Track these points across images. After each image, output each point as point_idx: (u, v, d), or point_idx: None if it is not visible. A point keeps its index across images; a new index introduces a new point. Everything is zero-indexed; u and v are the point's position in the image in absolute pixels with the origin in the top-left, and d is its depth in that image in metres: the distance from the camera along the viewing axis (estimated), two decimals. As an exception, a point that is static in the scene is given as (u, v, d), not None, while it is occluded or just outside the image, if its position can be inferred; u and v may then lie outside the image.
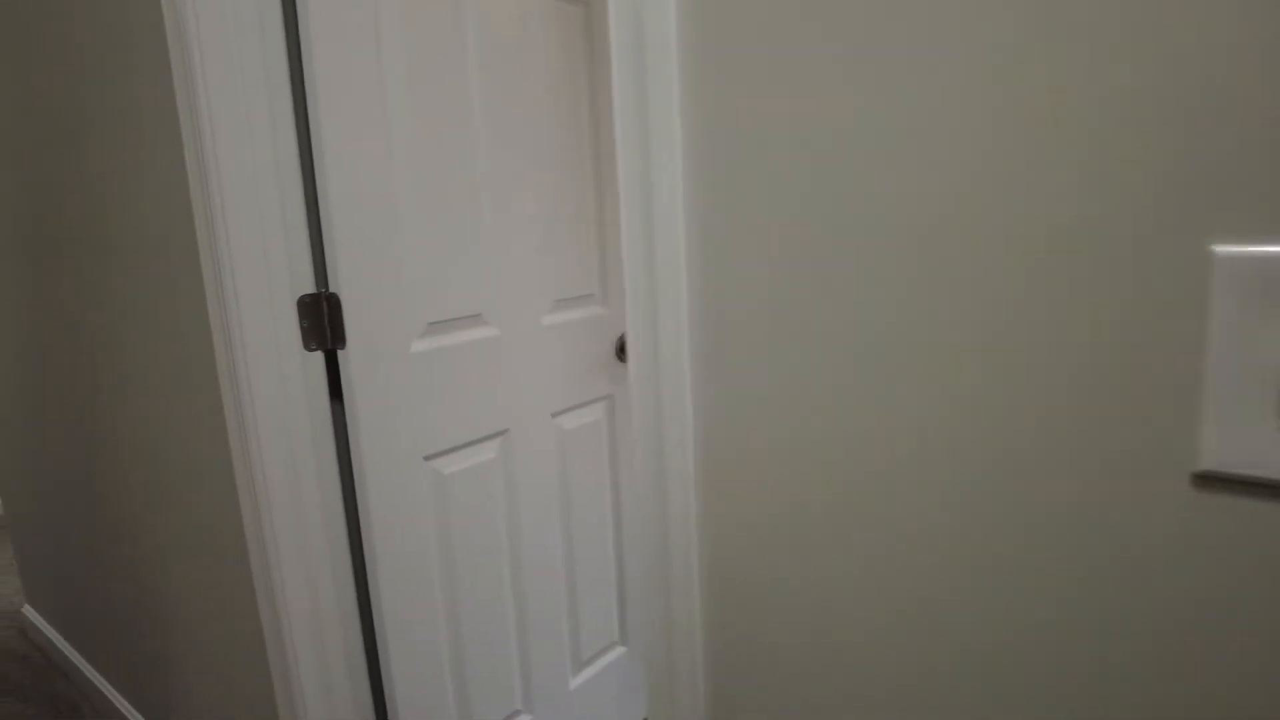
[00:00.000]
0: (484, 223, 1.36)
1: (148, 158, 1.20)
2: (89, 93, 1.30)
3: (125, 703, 1.86)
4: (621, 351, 1.68)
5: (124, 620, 1.75)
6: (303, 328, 1.18)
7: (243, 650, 1.34)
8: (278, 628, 1.22)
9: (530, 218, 1.45)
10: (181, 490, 1.38)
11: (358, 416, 1.21)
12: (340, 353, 1.20)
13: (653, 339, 0.69)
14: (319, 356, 1.20)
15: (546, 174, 1.47)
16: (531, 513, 1.52)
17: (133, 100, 1.20)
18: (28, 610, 2.36)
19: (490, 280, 1.38)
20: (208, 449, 1.26)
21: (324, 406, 1.22)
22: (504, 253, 1.40)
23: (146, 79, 1.15)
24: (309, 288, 1.18)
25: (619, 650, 1.80)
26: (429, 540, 1.34)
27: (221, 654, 1.41)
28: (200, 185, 1.08)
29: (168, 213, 1.19)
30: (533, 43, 1.41)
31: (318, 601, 1.23)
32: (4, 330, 1.94)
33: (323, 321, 1.19)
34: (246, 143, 1.09)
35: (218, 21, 1.05)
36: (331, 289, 1.18)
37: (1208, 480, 0.47)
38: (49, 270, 1.62)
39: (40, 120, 1.49)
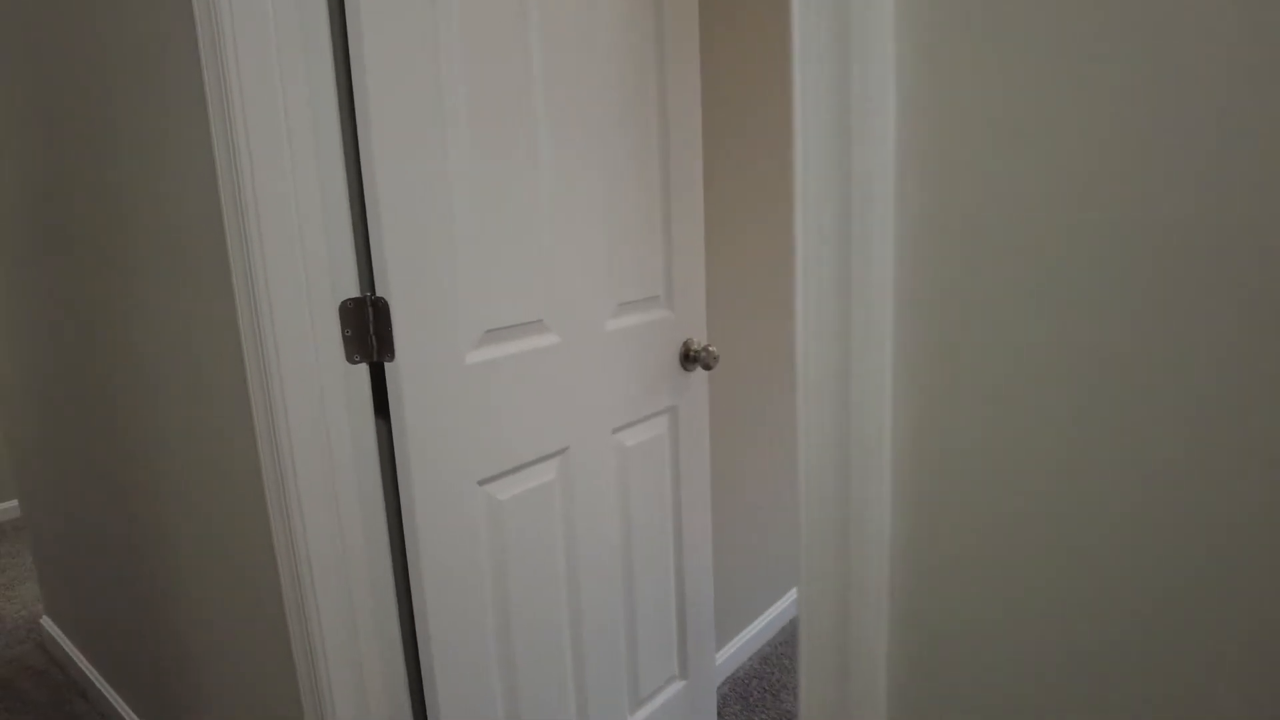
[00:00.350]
0: (545, 218, 1.21)
1: (172, 151, 1.06)
2: (110, 85, 1.16)
3: (147, 729, 1.74)
4: (686, 359, 1.53)
5: (146, 641, 1.62)
6: (345, 337, 1.03)
7: (273, 687, 1.20)
8: (312, 664, 1.08)
9: (595, 212, 1.29)
10: (208, 509, 1.24)
11: (406, 439, 1.06)
12: (388, 366, 1.05)
13: (844, 351, 0.53)
14: (363, 370, 1.06)
15: (612, 164, 1.31)
16: (590, 539, 1.37)
17: (156, 89, 1.05)
18: (47, 622, 2.25)
19: (552, 282, 1.23)
20: (237, 468, 1.12)
21: (368, 427, 1.07)
22: (566, 251, 1.25)
23: (170, 62, 1.01)
24: (353, 291, 1.03)
25: (678, 685, 1.65)
26: (482, 573, 1.19)
27: (250, 689, 1.27)
28: (230, 177, 0.94)
29: (193, 209, 1.04)
30: (599, 20, 1.25)
31: (358, 636, 1.09)
32: (25, 334, 1.82)
33: (367, 330, 1.05)
34: (281, 130, 0.94)
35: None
36: (379, 293, 1.03)
37: None
38: (68, 274, 1.49)
39: (59, 117, 1.36)
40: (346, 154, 1.02)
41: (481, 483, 1.17)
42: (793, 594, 2.31)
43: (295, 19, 0.94)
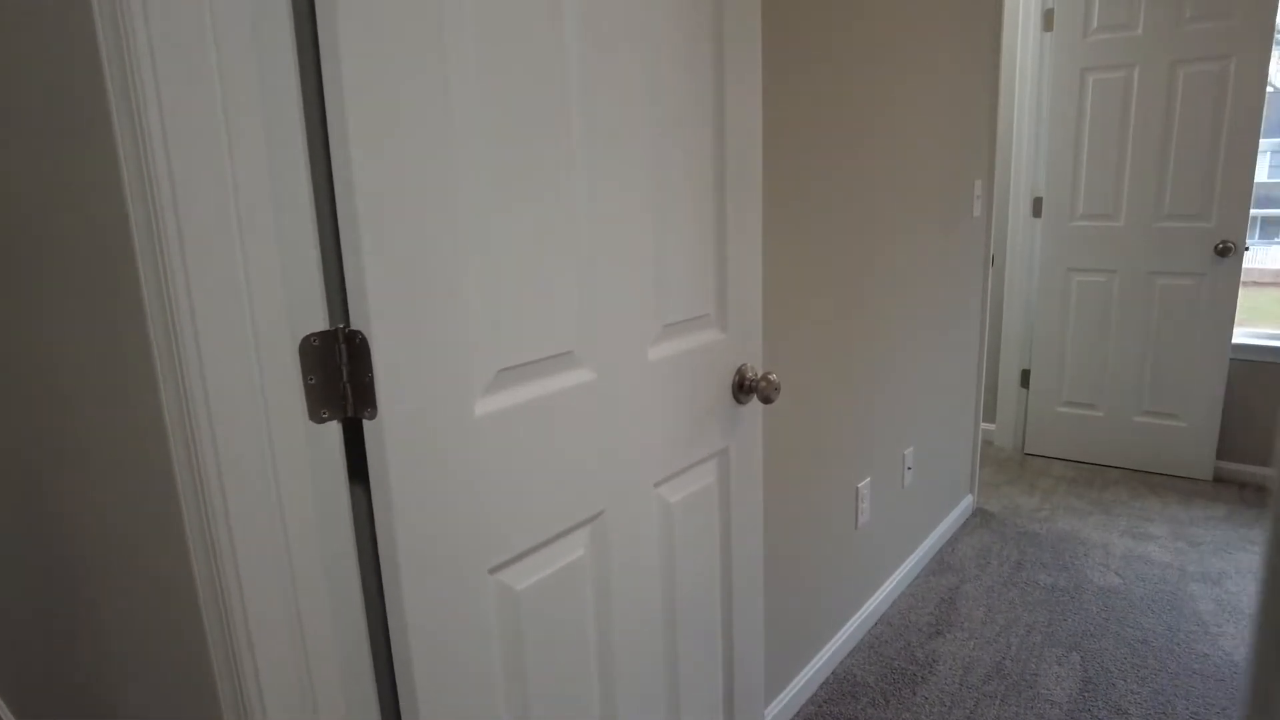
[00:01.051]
0: (577, 222, 0.92)
1: (53, 117, 0.76)
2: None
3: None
4: (740, 389, 1.24)
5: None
6: (308, 386, 0.74)
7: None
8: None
9: (638, 211, 1.00)
10: (131, 598, 0.95)
11: (394, 525, 0.77)
12: (367, 424, 0.76)
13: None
14: (334, 429, 0.77)
15: (658, 156, 1.02)
16: (627, 623, 1.09)
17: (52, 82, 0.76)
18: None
19: (585, 303, 0.94)
20: (165, 568, 0.83)
21: (341, 505, 0.79)
22: (604, 262, 0.96)
23: (64, 36, 0.71)
24: (319, 323, 0.75)
25: (724, 778, 1.37)
26: (494, 684, 0.91)
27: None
28: (135, 158, 0.64)
29: (96, 218, 0.75)
30: (646, -48, 0.96)
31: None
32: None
33: (339, 375, 0.76)
34: (213, 88, 0.65)
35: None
36: (354, 325, 0.74)
37: None
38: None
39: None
40: (311, 130, 0.73)
41: (494, 570, 0.88)
42: (835, 643, 2.04)
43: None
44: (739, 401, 1.25)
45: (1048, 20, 3.22)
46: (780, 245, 1.59)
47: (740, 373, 1.24)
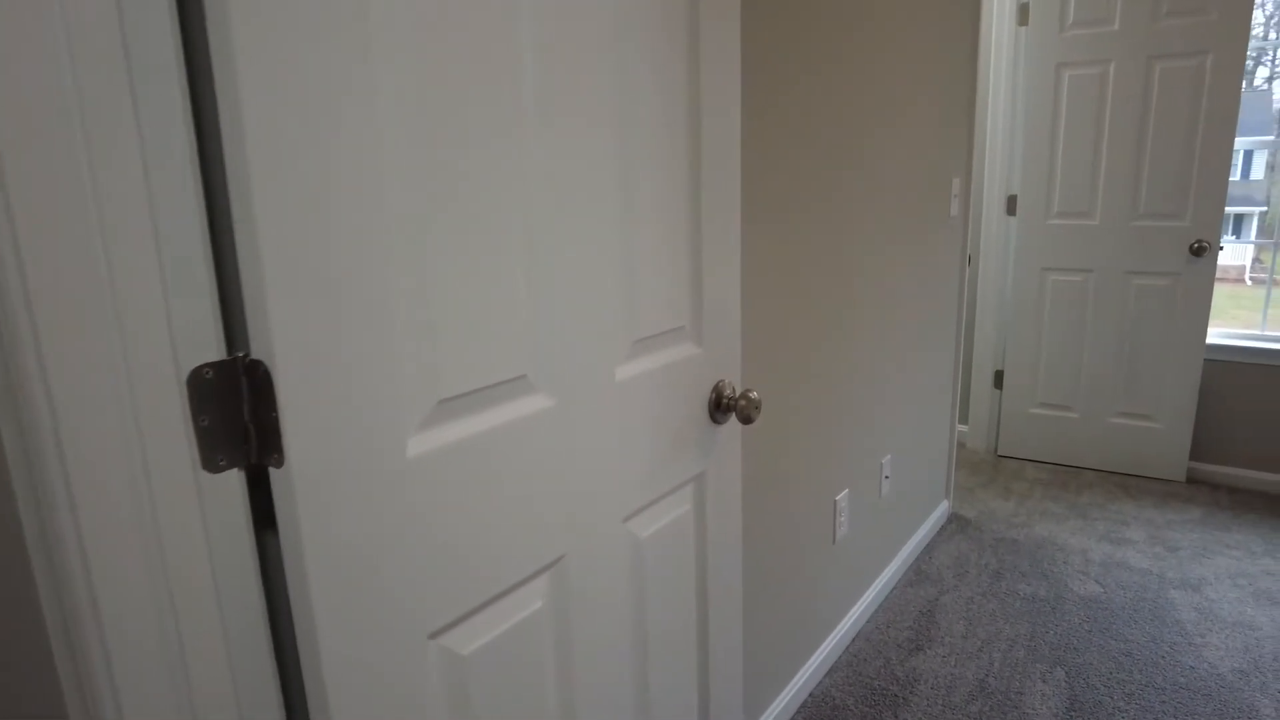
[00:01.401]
0: (534, 224, 0.79)
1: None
2: None
3: None
4: (718, 408, 1.13)
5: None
6: (200, 429, 0.61)
7: None
8: None
9: (600, 215, 0.88)
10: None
11: (309, 588, 0.64)
12: (274, 472, 0.63)
13: None
14: (235, 479, 0.63)
15: (624, 146, 0.90)
16: (592, 680, 0.96)
17: None
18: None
19: (542, 319, 0.82)
20: (17, 650, 0.68)
21: (247, 567, 0.65)
22: (564, 271, 0.84)
23: None
24: (212, 351, 0.61)
25: (700, 830, 1.26)
26: (437, 764, 0.78)
27: None
28: (-45, 144, 0.50)
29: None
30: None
31: None
32: None
33: (240, 414, 0.62)
34: (61, 78, 0.51)
35: None
36: (256, 353, 0.61)
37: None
38: None
39: None
40: (199, 101, 0.59)
41: (434, 635, 0.76)
42: (812, 664, 1.94)
43: None
44: (716, 421, 1.13)
45: (1023, 15, 3.16)
46: (754, 250, 1.48)
47: (718, 390, 1.12)
